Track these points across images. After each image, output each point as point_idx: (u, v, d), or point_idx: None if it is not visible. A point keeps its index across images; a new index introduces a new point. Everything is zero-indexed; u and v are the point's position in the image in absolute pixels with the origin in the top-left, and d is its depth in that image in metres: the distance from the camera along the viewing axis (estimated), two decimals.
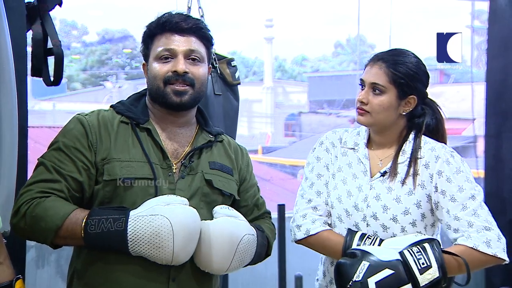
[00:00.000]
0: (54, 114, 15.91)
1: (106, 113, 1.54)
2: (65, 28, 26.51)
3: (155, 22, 1.54)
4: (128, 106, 1.56)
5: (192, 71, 1.51)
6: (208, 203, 1.53)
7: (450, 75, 17.42)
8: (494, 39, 3.46)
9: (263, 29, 24.03)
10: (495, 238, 1.56)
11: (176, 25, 1.51)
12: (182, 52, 1.51)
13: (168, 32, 1.52)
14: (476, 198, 1.60)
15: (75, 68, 25.75)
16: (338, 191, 1.69)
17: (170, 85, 1.50)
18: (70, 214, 1.37)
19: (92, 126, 1.49)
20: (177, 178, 1.50)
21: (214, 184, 1.54)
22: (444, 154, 1.65)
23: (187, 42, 1.52)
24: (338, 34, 47.62)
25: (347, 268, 1.50)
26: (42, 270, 3.01)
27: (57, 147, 1.46)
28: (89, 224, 1.35)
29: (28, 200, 1.40)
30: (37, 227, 1.37)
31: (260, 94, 21.33)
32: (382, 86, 1.64)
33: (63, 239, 1.38)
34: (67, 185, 1.42)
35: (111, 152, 1.47)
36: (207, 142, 1.58)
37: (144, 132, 1.52)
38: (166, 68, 1.50)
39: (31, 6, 2.14)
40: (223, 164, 1.59)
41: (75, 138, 1.47)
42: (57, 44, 2.08)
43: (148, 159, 1.47)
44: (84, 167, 1.45)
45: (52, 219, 1.36)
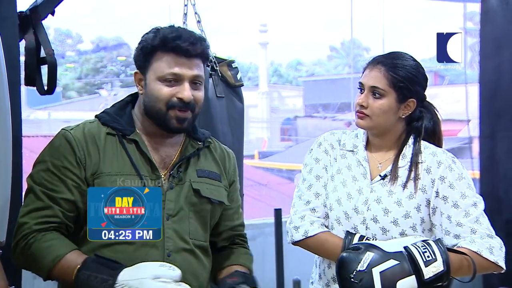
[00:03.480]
0: (49, 123, 15.88)
1: (91, 126, 1.51)
2: (60, 37, 26.49)
3: (159, 39, 1.47)
4: (113, 116, 1.53)
5: (195, 97, 1.49)
6: (197, 212, 1.52)
7: (445, 76, 17.49)
8: (487, 40, 3.48)
9: (258, 34, 24.10)
10: (498, 246, 1.59)
11: (187, 50, 1.46)
12: (188, 78, 1.47)
13: (174, 53, 1.46)
14: (478, 206, 1.62)
15: (70, 77, 25.73)
16: (337, 193, 1.69)
17: (172, 110, 1.47)
18: (62, 259, 1.38)
19: (78, 142, 1.47)
20: (166, 189, 1.49)
21: (201, 193, 1.52)
22: (446, 160, 1.66)
23: (194, 67, 1.48)
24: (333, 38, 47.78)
25: (351, 259, 1.49)
26: (39, 280, 2.99)
27: (46, 168, 1.45)
28: (80, 277, 1.36)
29: (26, 235, 1.41)
30: (33, 265, 1.42)
31: (255, 99, 21.35)
32: (382, 89, 1.64)
33: (57, 278, 1.42)
34: (60, 209, 1.43)
35: (100, 166, 1.46)
36: (195, 150, 1.56)
37: (132, 144, 1.50)
38: (171, 93, 1.46)
39: (24, 15, 2.14)
40: (211, 171, 1.57)
41: (62, 156, 1.45)
42: (50, 53, 2.08)
43: (138, 172, 1.46)
44: (75, 185, 1.44)
45: (45, 261, 1.39)
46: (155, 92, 1.48)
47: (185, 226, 1.50)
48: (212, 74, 2.26)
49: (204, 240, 1.56)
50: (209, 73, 2.24)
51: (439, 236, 1.62)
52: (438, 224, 1.63)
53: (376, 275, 1.46)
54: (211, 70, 2.26)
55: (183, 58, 1.47)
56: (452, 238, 1.60)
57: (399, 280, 1.47)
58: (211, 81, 2.24)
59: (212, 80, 2.25)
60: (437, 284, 1.50)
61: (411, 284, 1.48)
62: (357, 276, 1.47)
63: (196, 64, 1.49)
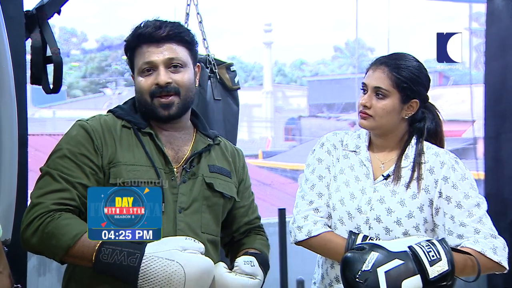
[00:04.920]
0: (54, 121, 15.93)
1: (107, 118, 1.54)
2: (65, 35, 26.56)
3: (130, 35, 1.51)
4: (127, 111, 1.56)
5: (175, 80, 1.49)
6: (209, 207, 1.54)
7: (449, 77, 17.44)
8: (492, 41, 3.47)
9: (262, 34, 24.09)
10: (502, 247, 1.59)
11: (151, 35, 1.48)
12: (161, 62, 1.48)
13: (145, 43, 1.49)
14: (481, 206, 1.62)
15: (74, 76, 25.78)
16: (340, 193, 1.69)
17: (156, 98, 1.49)
18: (83, 235, 1.36)
19: (96, 131, 1.48)
20: (179, 183, 1.51)
21: (215, 187, 1.54)
22: (449, 160, 1.66)
23: (166, 50, 1.49)
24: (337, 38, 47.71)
25: (356, 259, 1.49)
26: (44, 278, 3.01)
27: (62, 155, 1.46)
28: (102, 252, 1.35)
29: (42, 214, 1.39)
30: (48, 244, 1.38)
31: (259, 98, 21.34)
32: (385, 90, 1.65)
33: (72, 258, 1.38)
34: (77, 192, 1.43)
35: (117, 155, 1.47)
36: (206, 146, 1.58)
37: (147, 137, 1.52)
38: (149, 82, 1.49)
39: (30, 14, 2.15)
40: (222, 167, 1.59)
41: (79, 143, 1.46)
42: (56, 52, 2.09)
43: (153, 163, 1.48)
44: (92, 172, 1.45)
45: (64, 238, 1.36)
46: (139, 86, 1.51)
47: (197, 219, 1.52)
48: (210, 76, 2.27)
49: (216, 234, 1.57)
50: (208, 75, 2.25)
51: (441, 237, 1.62)
52: (441, 224, 1.63)
53: (381, 275, 1.46)
54: (210, 72, 2.27)
55: (152, 45, 1.49)
56: (455, 238, 1.60)
57: (404, 280, 1.47)
58: (209, 83, 2.25)
59: (210, 82, 2.26)
60: (441, 284, 1.50)
61: (416, 284, 1.48)
62: (362, 276, 1.47)
63: (168, 47, 1.50)
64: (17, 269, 1.46)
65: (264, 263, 1.56)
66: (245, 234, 1.67)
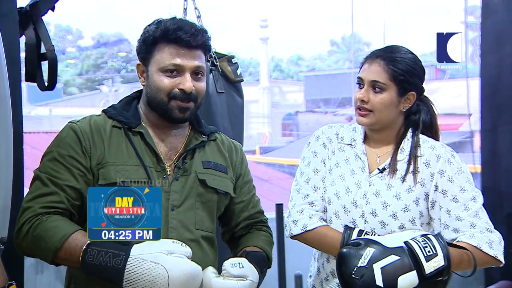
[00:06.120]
0: (50, 119, 15.91)
1: (98, 118, 1.54)
2: (60, 33, 26.49)
3: (160, 31, 1.49)
4: (119, 110, 1.55)
5: (196, 87, 1.50)
6: (203, 203, 1.54)
7: (445, 71, 17.44)
8: (488, 34, 3.47)
9: (258, 29, 24.06)
10: (497, 240, 1.59)
11: (189, 42, 1.48)
12: (189, 69, 1.48)
13: (175, 44, 1.48)
14: (477, 200, 1.62)
15: (70, 73, 25.73)
16: (336, 187, 1.69)
17: (175, 101, 1.49)
18: (70, 237, 1.37)
19: (84, 132, 1.49)
20: (171, 180, 1.50)
21: (208, 183, 1.54)
22: (445, 154, 1.66)
23: (196, 58, 1.49)
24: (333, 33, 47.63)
25: (352, 255, 1.49)
26: (41, 275, 3.01)
27: (52, 158, 1.47)
28: (88, 253, 1.35)
29: (30, 218, 1.40)
30: (38, 247, 1.39)
31: (256, 94, 21.34)
32: (382, 83, 1.64)
33: (61, 260, 1.39)
34: (65, 195, 1.43)
35: (105, 156, 1.47)
36: (199, 142, 1.58)
37: (137, 136, 1.52)
38: (172, 84, 1.48)
39: (24, 11, 2.14)
40: (217, 162, 1.59)
41: (68, 146, 1.47)
42: (51, 49, 2.08)
43: (142, 162, 1.48)
44: (81, 174, 1.46)
45: (52, 240, 1.37)
46: (157, 83, 1.49)
47: (191, 216, 1.51)
48: (212, 70, 2.26)
49: (211, 230, 1.57)
50: (209, 68, 2.24)
51: (437, 230, 1.62)
52: (437, 218, 1.63)
53: (377, 271, 1.45)
54: (211, 65, 2.26)
55: (185, 49, 1.48)
56: (451, 232, 1.60)
57: (400, 276, 1.46)
58: (211, 77, 2.24)
59: (212, 75, 2.25)
60: (437, 279, 1.50)
61: (412, 279, 1.47)
62: (358, 272, 1.46)
63: (198, 55, 1.50)
64: (13, 267, 1.45)
65: (261, 261, 1.55)
66: (246, 229, 1.66)
